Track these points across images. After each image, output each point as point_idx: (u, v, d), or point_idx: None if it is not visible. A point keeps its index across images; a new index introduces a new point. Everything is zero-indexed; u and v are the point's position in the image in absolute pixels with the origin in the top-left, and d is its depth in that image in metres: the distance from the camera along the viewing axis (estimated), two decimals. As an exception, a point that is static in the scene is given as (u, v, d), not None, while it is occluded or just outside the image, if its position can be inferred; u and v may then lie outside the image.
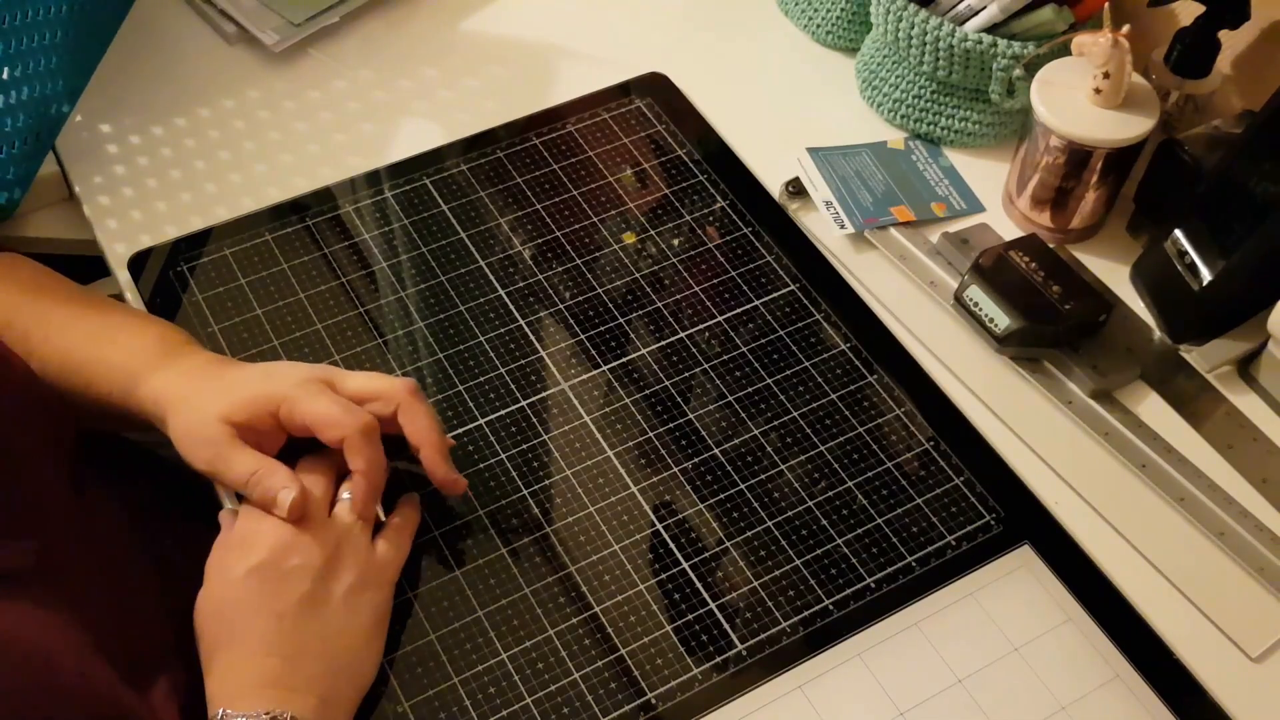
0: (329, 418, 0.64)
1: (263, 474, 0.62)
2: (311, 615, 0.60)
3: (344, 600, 0.62)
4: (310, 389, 0.65)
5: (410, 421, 0.66)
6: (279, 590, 0.60)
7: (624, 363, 0.77)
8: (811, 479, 0.72)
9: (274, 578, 0.60)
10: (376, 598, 0.63)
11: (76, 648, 0.57)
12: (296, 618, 0.60)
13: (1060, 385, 0.76)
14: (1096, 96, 0.78)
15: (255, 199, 0.85)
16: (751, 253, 0.83)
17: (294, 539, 0.62)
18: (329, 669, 0.60)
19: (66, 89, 0.85)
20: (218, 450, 0.63)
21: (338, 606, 0.61)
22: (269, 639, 0.59)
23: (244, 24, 0.93)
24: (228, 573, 0.61)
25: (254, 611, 0.60)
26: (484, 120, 0.90)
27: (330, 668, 0.60)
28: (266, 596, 0.60)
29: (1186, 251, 0.77)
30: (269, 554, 0.61)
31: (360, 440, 0.64)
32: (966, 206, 0.86)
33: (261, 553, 0.61)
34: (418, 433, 0.66)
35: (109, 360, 0.67)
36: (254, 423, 0.64)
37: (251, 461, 0.63)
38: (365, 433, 0.64)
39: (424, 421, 0.66)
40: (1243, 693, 0.65)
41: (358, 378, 0.67)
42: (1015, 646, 0.66)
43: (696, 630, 0.66)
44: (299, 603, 0.60)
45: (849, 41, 0.96)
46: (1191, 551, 0.70)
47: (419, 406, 0.66)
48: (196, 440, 0.64)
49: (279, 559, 0.61)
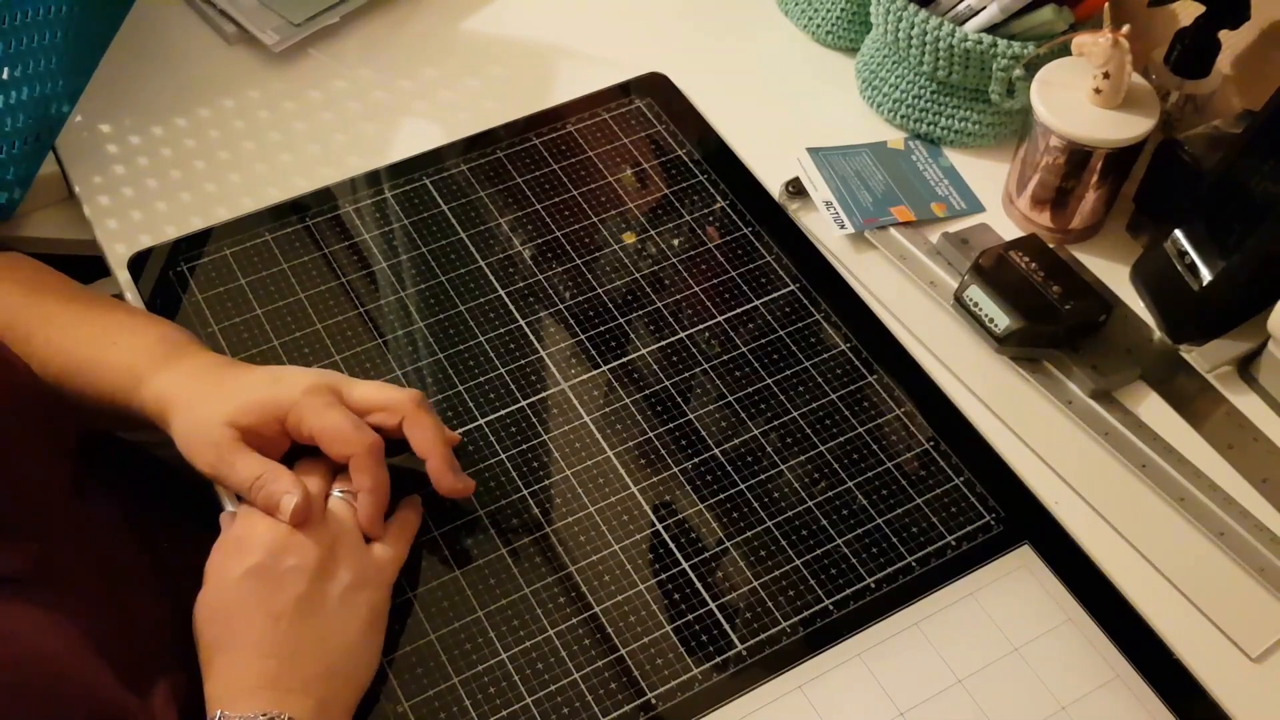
0: (339, 434, 0.64)
1: (267, 478, 0.62)
2: (308, 616, 0.60)
3: (340, 600, 0.61)
4: (319, 400, 0.64)
5: (416, 433, 0.66)
6: (275, 591, 0.60)
7: (624, 363, 0.77)
8: (811, 479, 0.72)
9: (270, 579, 0.60)
10: (374, 598, 0.63)
11: (77, 650, 0.57)
12: (293, 619, 0.60)
13: (1060, 385, 0.76)
14: (1096, 96, 0.78)
15: (255, 199, 0.85)
16: (751, 253, 0.83)
17: (289, 540, 0.62)
18: (326, 670, 0.60)
19: (66, 89, 0.85)
20: (221, 454, 0.63)
21: (334, 607, 0.61)
22: (266, 640, 0.59)
23: (244, 24, 0.93)
24: (225, 574, 0.61)
25: (250, 613, 0.60)
26: (484, 120, 0.90)
27: (328, 669, 0.60)
28: (262, 598, 0.60)
29: (1186, 251, 0.77)
30: (265, 555, 0.61)
31: (368, 459, 0.64)
32: (966, 206, 0.86)
33: (257, 554, 0.61)
34: (424, 444, 0.66)
35: (111, 361, 0.67)
36: (259, 428, 0.64)
37: (255, 466, 0.63)
38: (372, 452, 0.64)
39: (430, 433, 0.66)
40: (1243, 693, 0.65)
41: (365, 387, 0.67)
42: (1015, 646, 0.66)
43: (696, 630, 0.66)
44: (295, 603, 0.60)
45: (849, 41, 0.96)
46: (1191, 551, 0.70)
47: (425, 418, 0.66)
48: (201, 443, 0.64)
49: (275, 560, 0.61)
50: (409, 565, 0.67)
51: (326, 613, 0.61)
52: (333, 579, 0.62)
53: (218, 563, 0.62)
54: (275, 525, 0.62)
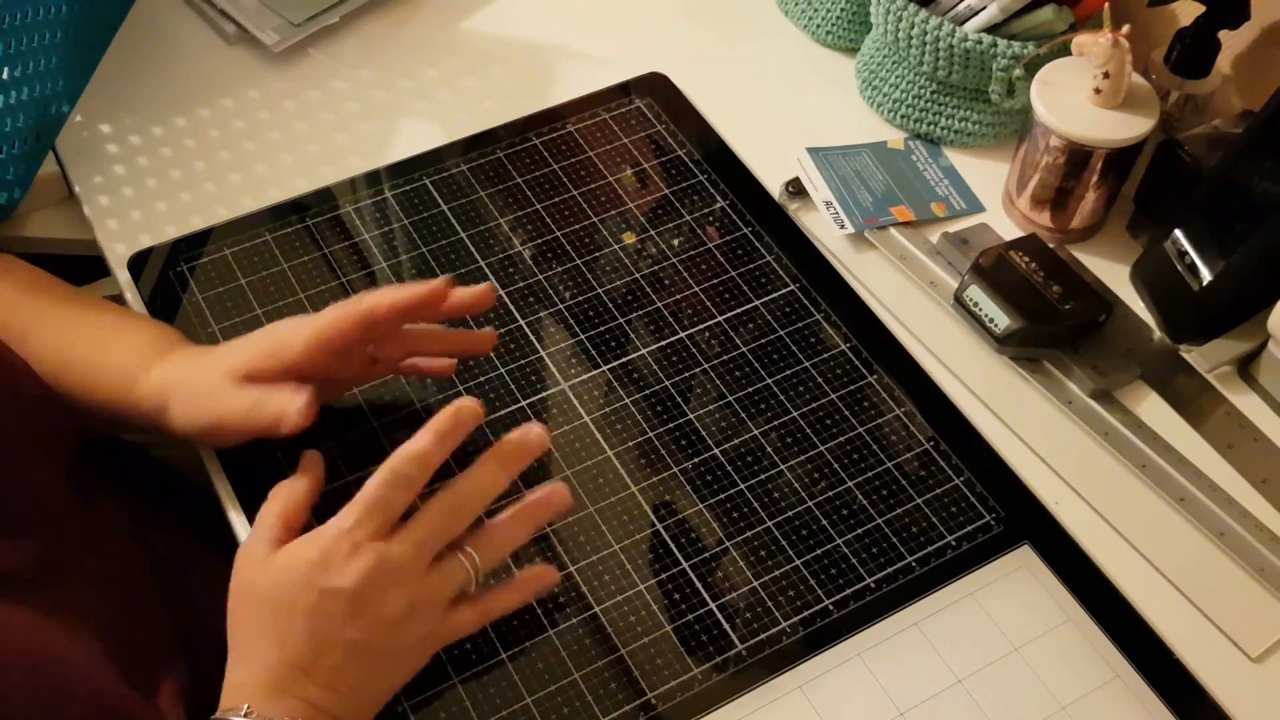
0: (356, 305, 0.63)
1: (263, 398, 0.61)
2: (361, 660, 0.58)
3: (395, 658, 0.60)
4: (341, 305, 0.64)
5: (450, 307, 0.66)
6: (346, 625, 0.58)
7: (624, 363, 0.77)
8: (811, 479, 0.72)
9: (350, 612, 0.58)
10: (423, 660, 0.62)
11: (83, 650, 0.57)
12: (348, 656, 0.58)
13: (1060, 385, 0.76)
14: (1096, 96, 0.78)
15: (255, 199, 0.85)
16: (751, 253, 0.83)
17: (384, 585, 0.59)
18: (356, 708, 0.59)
19: (66, 89, 0.85)
20: (216, 398, 0.62)
21: (385, 661, 0.60)
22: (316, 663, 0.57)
23: (244, 24, 0.93)
24: (308, 574, 0.58)
25: (313, 630, 0.58)
26: (484, 120, 0.90)
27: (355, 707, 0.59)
28: (333, 623, 0.58)
29: (1186, 251, 0.77)
30: (356, 586, 0.58)
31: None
32: (966, 206, 0.86)
33: (351, 579, 0.58)
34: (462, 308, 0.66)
35: (105, 363, 0.67)
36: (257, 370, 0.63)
37: (251, 394, 0.62)
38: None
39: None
40: (1243, 693, 0.65)
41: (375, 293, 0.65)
42: (1015, 646, 0.66)
43: (696, 630, 0.66)
44: (357, 646, 0.58)
45: (849, 41, 0.96)
46: (1191, 551, 0.70)
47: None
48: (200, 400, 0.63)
49: (364, 596, 0.58)
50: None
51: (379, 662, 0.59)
52: (406, 633, 0.60)
53: (298, 556, 0.59)
54: (381, 560, 0.59)
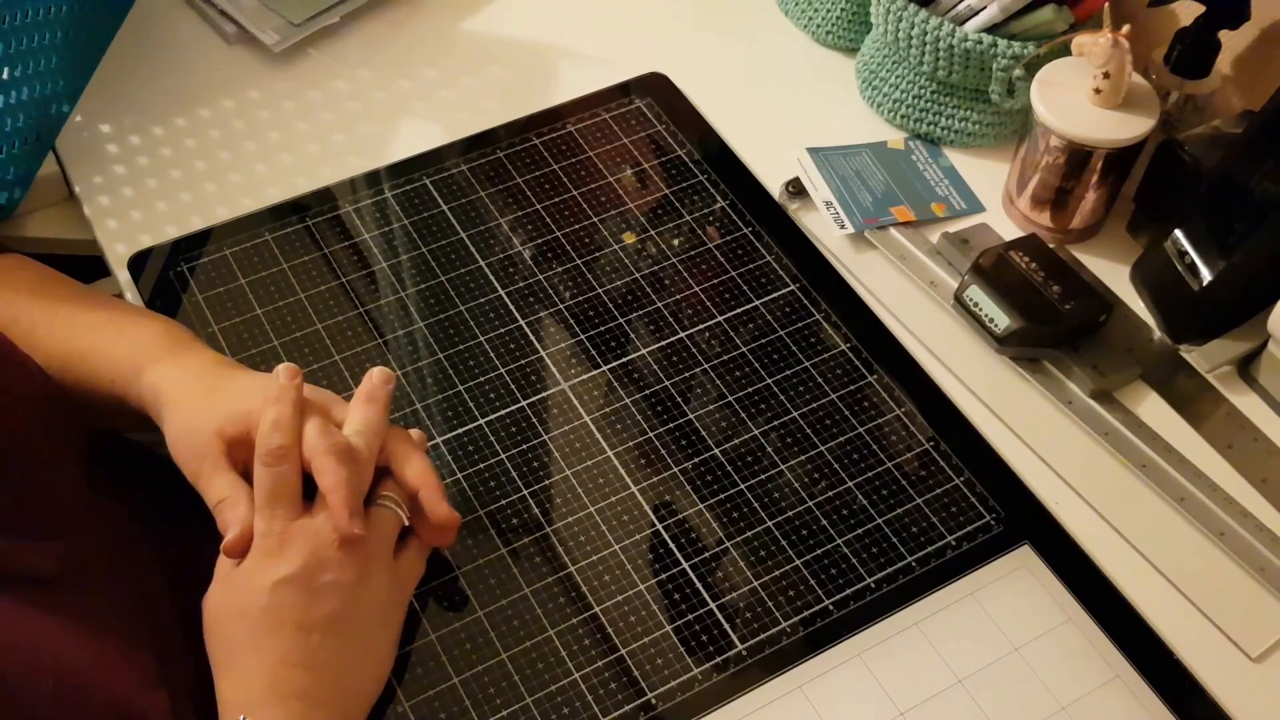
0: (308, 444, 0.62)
1: (228, 504, 0.61)
2: (340, 631, 0.59)
3: (370, 620, 0.61)
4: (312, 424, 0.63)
5: (407, 466, 0.64)
6: (310, 606, 0.59)
7: (624, 363, 0.77)
8: (811, 479, 0.72)
9: (305, 592, 0.59)
10: (398, 616, 0.63)
11: (100, 654, 0.57)
12: (325, 632, 0.59)
13: (1060, 385, 0.76)
14: (1096, 96, 0.78)
15: (255, 199, 0.85)
16: (751, 253, 0.83)
17: (328, 554, 0.60)
18: (354, 685, 0.60)
19: (66, 89, 0.85)
20: (203, 465, 0.62)
21: (363, 627, 0.60)
22: (295, 651, 0.58)
23: (244, 24, 0.93)
24: (254, 579, 0.59)
25: (282, 623, 0.58)
26: (484, 120, 0.90)
27: (351, 685, 0.60)
28: (296, 610, 0.58)
29: (1186, 251, 0.77)
30: (302, 567, 0.59)
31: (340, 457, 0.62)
32: (966, 206, 0.86)
33: (294, 563, 0.59)
34: (418, 474, 0.64)
35: (113, 351, 0.67)
36: (246, 438, 0.63)
37: (225, 486, 0.62)
38: (341, 454, 0.62)
39: (422, 463, 0.65)
40: (1243, 693, 0.65)
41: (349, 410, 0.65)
42: (1015, 646, 0.66)
43: (696, 630, 0.66)
44: (329, 619, 0.59)
45: (849, 41, 0.96)
46: (1191, 551, 0.70)
47: (415, 451, 0.65)
48: (189, 449, 0.63)
49: (312, 573, 0.59)
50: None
51: (356, 631, 0.60)
52: (366, 598, 0.60)
53: (248, 565, 0.60)
54: (315, 534, 0.60)
